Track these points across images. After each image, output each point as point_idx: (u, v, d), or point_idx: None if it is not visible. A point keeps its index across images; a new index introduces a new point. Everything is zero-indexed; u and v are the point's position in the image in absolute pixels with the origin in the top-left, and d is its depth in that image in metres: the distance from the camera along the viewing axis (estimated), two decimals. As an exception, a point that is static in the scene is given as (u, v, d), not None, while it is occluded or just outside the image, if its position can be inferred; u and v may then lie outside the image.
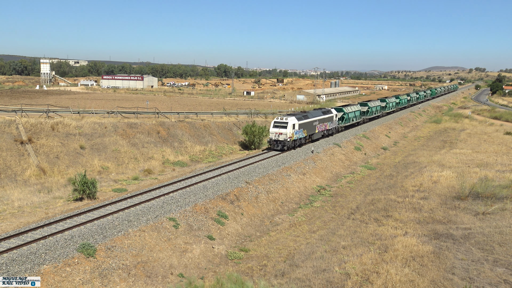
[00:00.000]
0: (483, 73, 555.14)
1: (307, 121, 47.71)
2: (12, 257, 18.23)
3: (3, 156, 35.76)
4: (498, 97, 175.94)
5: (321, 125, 52.27)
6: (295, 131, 44.36)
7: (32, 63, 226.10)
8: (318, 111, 53.11)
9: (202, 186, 31.38)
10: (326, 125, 53.79)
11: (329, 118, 54.78)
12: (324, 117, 53.01)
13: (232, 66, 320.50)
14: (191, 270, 21.41)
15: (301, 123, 45.92)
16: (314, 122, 49.49)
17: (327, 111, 55.15)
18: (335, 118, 56.78)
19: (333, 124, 56.31)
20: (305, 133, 47.48)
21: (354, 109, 67.77)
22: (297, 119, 45.01)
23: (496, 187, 29.77)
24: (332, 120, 55.81)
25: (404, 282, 17.05)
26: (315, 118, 49.80)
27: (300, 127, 45.75)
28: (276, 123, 44.16)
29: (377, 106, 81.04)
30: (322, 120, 52.34)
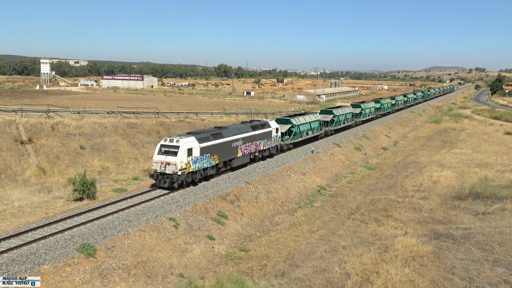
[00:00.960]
0: (483, 73, 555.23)
1: (220, 142, 33.00)
2: (12, 257, 18.23)
3: (3, 156, 35.76)
4: (498, 97, 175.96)
5: (249, 145, 37.34)
6: (193, 158, 29.81)
7: (32, 63, 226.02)
8: (244, 125, 38.22)
9: (202, 186, 31.38)
10: (258, 144, 38.83)
11: (265, 135, 39.77)
12: (254, 133, 37.92)
13: (232, 66, 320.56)
14: (191, 270, 21.42)
15: (207, 145, 31.43)
16: (235, 142, 35.06)
17: (261, 125, 39.96)
18: (275, 133, 41.82)
19: (272, 142, 41.28)
20: (216, 159, 32.76)
21: (345, 111, 63.43)
22: (199, 140, 30.73)
23: (496, 187, 29.78)
24: (271, 136, 40.95)
25: (404, 282, 17.06)
26: (236, 137, 35.32)
27: (205, 151, 31.29)
28: (163, 147, 29.73)
29: (371, 108, 77.14)
30: (251, 138, 37.55)
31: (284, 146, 45.39)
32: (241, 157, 36.50)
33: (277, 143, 42.77)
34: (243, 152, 36.48)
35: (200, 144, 30.57)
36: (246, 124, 39.08)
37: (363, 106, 71.99)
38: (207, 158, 31.59)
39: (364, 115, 72.38)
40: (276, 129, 42.02)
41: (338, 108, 63.35)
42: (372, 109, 76.99)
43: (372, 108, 76.99)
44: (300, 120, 48.59)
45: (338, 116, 59.68)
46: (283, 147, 45.24)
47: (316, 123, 53.24)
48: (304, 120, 49.76)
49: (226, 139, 33.95)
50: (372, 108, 77.11)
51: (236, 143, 35.42)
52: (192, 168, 29.97)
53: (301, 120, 48.90)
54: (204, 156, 31.13)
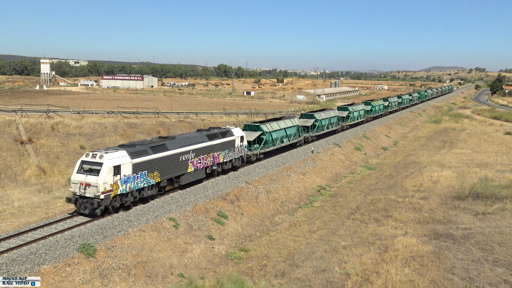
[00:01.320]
0: (483, 73, 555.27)
1: (162, 156, 27.16)
2: (12, 257, 18.24)
3: (3, 156, 35.77)
4: (498, 97, 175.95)
5: (204, 157, 31.45)
6: (122, 177, 24.01)
7: (32, 63, 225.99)
8: (199, 134, 32.31)
9: (202, 186, 31.39)
10: (216, 156, 32.97)
11: (226, 144, 34.00)
12: (211, 144, 32.17)
13: (232, 66, 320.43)
14: (191, 270, 21.42)
15: (143, 161, 25.51)
16: (184, 154, 29.16)
17: (221, 133, 34.01)
18: (240, 142, 35.84)
19: (235, 152, 35.40)
20: (157, 177, 26.85)
21: (329, 114, 57.61)
22: (132, 154, 24.81)
23: (496, 187, 29.79)
24: (234, 146, 35.01)
25: (404, 282, 17.06)
26: (186, 148, 29.38)
27: (141, 168, 25.42)
28: (84, 164, 24.07)
29: (360, 111, 71.31)
30: (207, 149, 31.76)
31: (252, 157, 38.86)
32: (193, 172, 30.46)
33: (243, 153, 36.57)
34: (195, 166, 30.49)
35: (133, 159, 24.75)
36: (201, 132, 33.07)
37: (351, 109, 66.56)
38: (143, 176, 25.68)
39: (352, 119, 66.97)
40: (240, 138, 35.90)
41: (321, 112, 56.63)
42: (361, 112, 71.60)
43: (361, 111, 71.58)
44: (272, 127, 42.41)
45: (320, 120, 53.97)
46: (250, 158, 38.77)
47: (293, 129, 46.86)
48: (278, 126, 43.44)
49: (171, 152, 27.99)
50: (361, 111, 71.68)
51: (186, 156, 29.45)
52: (121, 189, 24.07)
53: (273, 126, 42.58)
54: (139, 174, 25.30)
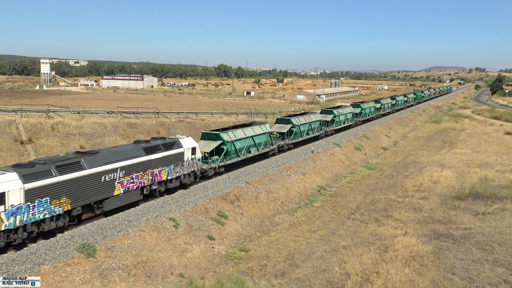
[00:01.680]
0: (483, 73, 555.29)
1: (74, 177, 21.58)
2: (12, 257, 18.24)
3: (3, 156, 35.77)
4: (498, 97, 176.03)
5: (138, 176, 25.62)
6: (9, 208, 18.62)
7: (32, 63, 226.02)
8: (133, 147, 26.31)
9: (202, 186, 31.39)
10: (157, 174, 27.11)
11: (170, 159, 28.20)
12: (148, 158, 26.26)
13: (232, 66, 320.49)
14: (191, 270, 21.43)
15: (43, 185, 20.10)
16: (108, 174, 23.61)
17: (164, 145, 28.26)
18: (191, 154, 30.15)
19: (184, 168, 29.58)
20: (66, 204, 21.36)
21: (311, 119, 51.59)
22: (25, 177, 19.42)
23: (496, 187, 29.79)
24: (182, 159, 29.33)
25: (404, 282, 17.06)
26: (111, 166, 23.79)
27: (40, 194, 20.00)
28: None
29: (348, 114, 65.10)
30: (143, 166, 25.93)
31: (209, 171, 32.93)
32: (123, 195, 24.49)
33: (195, 168, 30.74)
34: (126, 188, 24.55)
35: (26, 183, 19.12)
36: (137, 145, 26.89)
37: (336, 112, 60.47)
38: (43, 205, 19.95)
39: (338, 123, 60.93)
40: (192, 150, 30.20)
41: (300, 116, 51.00)
42: (348, 116, 65.69)
43: (348, 114, 65.68)
44: (236, 135, 36.43)
45: (298, 126, 48.06)
46: (206, 173, 32.82)
47: (263, 136, 41.07)
48: (243, 134, 37.48)
49: (88, 172, 22.22)
50: (348, 114, 65.77)
51: (112, 175, 23.69)
52: (7, 224, 18.50)
53: (237, 135, 36.67)
54: (36, 203, 19.64)
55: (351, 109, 67.96)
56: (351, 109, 68.49)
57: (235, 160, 36.71)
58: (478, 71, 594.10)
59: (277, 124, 48.25)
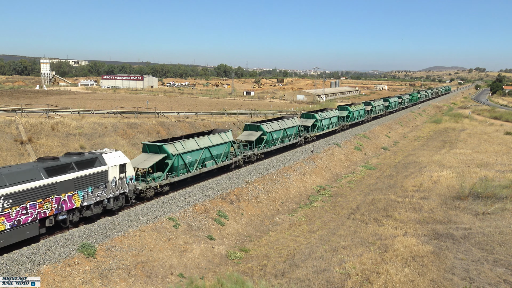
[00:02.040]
0: (483, 73, 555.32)
1: None
2: (12, 257, 18.24)
3: (3, 156, 35.76)
4: (498, 97, 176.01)
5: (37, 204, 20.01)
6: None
7: (32, 63, 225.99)
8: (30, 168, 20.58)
9: (202, 186, 31.38)
10: (67, 200, 21.49)
11: (89, 179, 22.76)
12: (52, 181, 20.68)
13: (232, 66, 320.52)
14: (191, 270, 21.42)
15: None
16: None
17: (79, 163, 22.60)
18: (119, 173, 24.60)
19: (110, 190, 24.06)
20: None
21: (286, 124, 45.51)
22: None
23: (496, 187, 29.79)
24: (106, 180, 23.82)
25: (404, 282, 17.06)
26: None
27: None
28: None
29: (332, 118, 58.43)
30: (45, 191, 20.37)
31: (148, 192, 27.51)
32: (9, 231, 18.79)
33: (126, 189, 25.17)
34: (14, 221, 18.95)
35: None
36: (37, 164, 21.04)
37: (319, 117, 54.06)
38: None
39: (320, 128, 55.05)
40: (121, 167, 24.61)
41: (273, 122, 45.47)
42: (333, 119, 59.07)
43: (333, 118, 58.99)
44: (186, 146, 31.41)
45: (270, 133, 43.05)
46: (144, 194, 27.41)
47: (223, 147, 35.71)
48: (196, 145, 32.57)
49: None
50: (333, 118, 59.03)
51: None
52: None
53: (188, 146, 31.66)
54: None
55: (336, 113, 60.92)
56: (336, 112, 61.64)
57: (185, 176, 31.14)
58: (478, 71, 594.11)
59: (245, 131, 42.63)
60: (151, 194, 27.83)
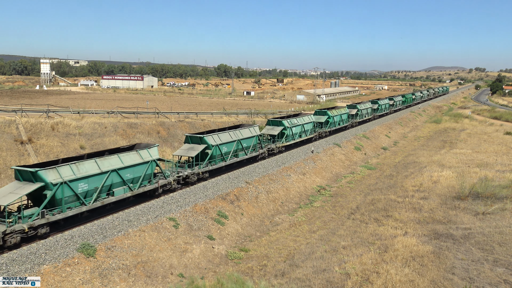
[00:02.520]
0: (483, 73, 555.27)
1: None
2: (12, 257, 18.24)
3: (3, 156, 35.76)
4: (498, 97, 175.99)
5: None
6: None
7: (32, 63, 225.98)
8: None
9: (202, 186, 31.39)
10: None
11: None
12: None
13: (232, 66, 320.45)
14: (191, 270, 21.42)
15: None
16: None
17: None
18: None
19: None
20: None
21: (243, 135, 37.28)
22: None
23: (496, 187, 29.79)
24: None
25: (404, 282, 17.06)
26: None
27: None
28: None
29: (306, 125, 50.56)
30: None
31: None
32: None
33: None
34: None
35: None
36: None
37: (288, 123, 45.72)
38: None
39: (290, 137, 46.67)
40: None
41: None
42: (307, 126, 51.01)
43: (307, 125, 50.96)
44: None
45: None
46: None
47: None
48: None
49: None
50: (307, 124, 51.11)
51: None
52: None
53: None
54: None
55: (311, 118, 52.90)
56: (313, 118, 54.06)
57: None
58: (478, 71, 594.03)
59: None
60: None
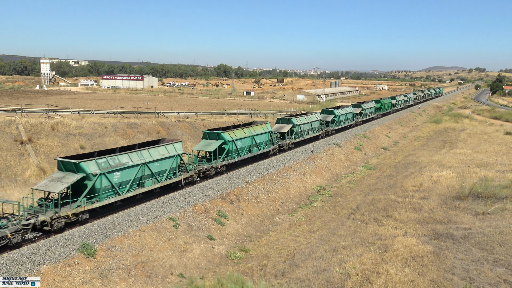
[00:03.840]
0: (483, 73, 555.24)
1: None
2: (12, 257, 18.24)
3: (3, 156, 35.76)
4: (498, 97, 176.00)
5: None
6: None
7: (32, 63, 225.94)
8: None
9: (202, 186, 31.38)
10: None
11: None
12: None
13: (232, 66, 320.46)
14: (191, 270, 21.42)
15: None
16: None
17: None
18: None
19: None
20: None
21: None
22: None
23: (496, 187, 29.78)
24: None
25: (404, 282, 17.05)
26: None
27: None
28: None
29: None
30: None
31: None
32: None
33: None
34: None
35: None
36: None
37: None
38: None
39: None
40: None
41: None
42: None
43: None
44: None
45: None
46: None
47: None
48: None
49: None
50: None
51: None
52: None
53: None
54: None
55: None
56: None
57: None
58: (478, 71, 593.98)
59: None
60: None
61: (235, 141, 35.95)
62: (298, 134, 48.85)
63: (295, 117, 48.93)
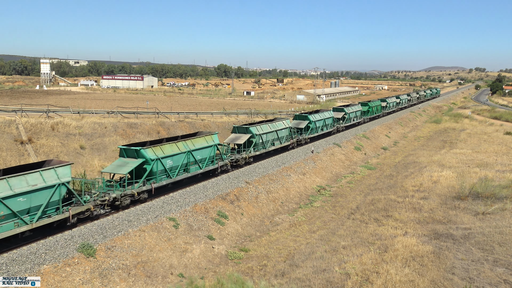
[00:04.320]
0: (483, 73, 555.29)
1: None
2: (12, 257, 18.24)
3: (3, 156, 35.75)
4: (498, 97, 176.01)
5: None
6: None
7: (32, 63, 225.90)
8: None
9: (202, 186, 31.38)
10: None
11: None
12: None
13: (232, 66, 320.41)
14: (191, 270, 21.42)
15: None
16: None
17: None
18: None
19: None
20: None
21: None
22: None
23: (496, 187, 29.78)
24: None
25: (404, 282, 17.06)
26: None
27: None
28: None
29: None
30: None
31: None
32: None
33: None
34: None
35: None
36: None
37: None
38: None
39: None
40: None
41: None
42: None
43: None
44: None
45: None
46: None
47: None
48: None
49: None
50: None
51: None
52: None
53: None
54: None
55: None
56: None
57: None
58: (478, 71, 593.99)
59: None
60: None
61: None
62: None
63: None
